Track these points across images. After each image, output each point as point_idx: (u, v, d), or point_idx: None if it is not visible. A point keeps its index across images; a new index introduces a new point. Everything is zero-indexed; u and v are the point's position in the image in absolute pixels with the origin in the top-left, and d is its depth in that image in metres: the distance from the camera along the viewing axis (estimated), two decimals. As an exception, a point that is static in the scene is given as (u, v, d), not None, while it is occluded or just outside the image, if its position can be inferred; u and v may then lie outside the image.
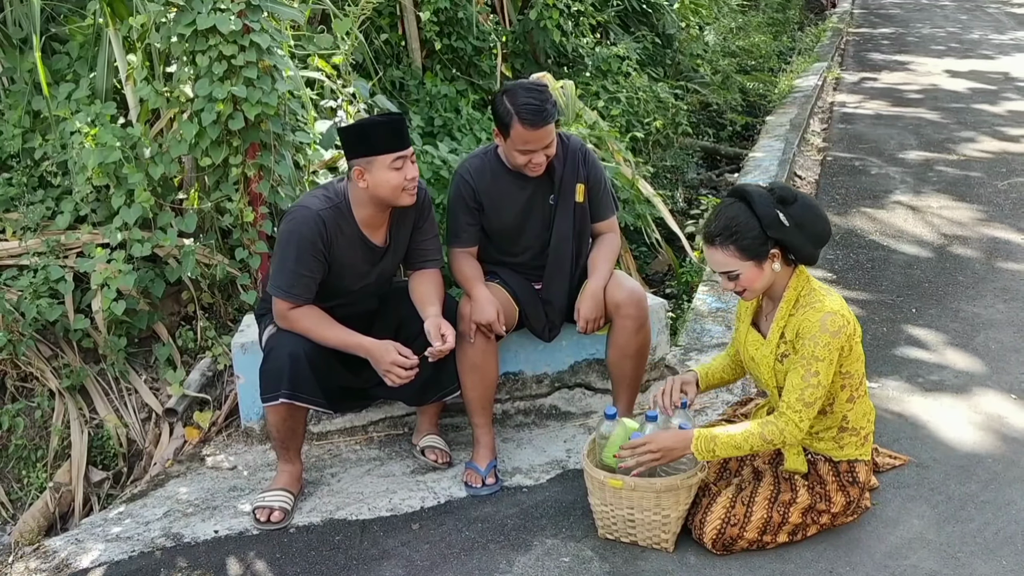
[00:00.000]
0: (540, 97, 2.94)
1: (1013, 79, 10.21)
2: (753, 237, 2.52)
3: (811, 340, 2.52)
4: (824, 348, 2.51)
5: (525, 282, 3.24)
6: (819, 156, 7.29)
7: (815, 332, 2.52)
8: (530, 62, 6.57)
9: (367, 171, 2.83)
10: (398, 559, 2.72)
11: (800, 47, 12.54)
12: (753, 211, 2.53)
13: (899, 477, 3.00)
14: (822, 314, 2.53)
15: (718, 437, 2.56)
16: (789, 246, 2.55)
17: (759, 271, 2.57)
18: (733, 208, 2.57)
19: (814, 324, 2.53)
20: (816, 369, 2.51)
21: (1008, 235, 5.28)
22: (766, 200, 2.54)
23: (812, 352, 2.52)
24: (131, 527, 2.97)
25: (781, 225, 2.52)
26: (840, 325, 2.53)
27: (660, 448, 2.57)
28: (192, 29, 3.37)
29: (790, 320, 2.60)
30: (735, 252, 2.55)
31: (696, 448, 2.56)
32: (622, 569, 2.63)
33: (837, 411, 2.65)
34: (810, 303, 2.58)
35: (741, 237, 2.53)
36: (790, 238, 2.53)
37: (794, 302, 2.61)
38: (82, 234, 3.67)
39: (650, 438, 2.59)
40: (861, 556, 2.63)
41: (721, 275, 2.63)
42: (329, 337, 2.89)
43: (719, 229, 2.56)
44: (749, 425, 2.60)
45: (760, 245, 2.53)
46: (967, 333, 4.05)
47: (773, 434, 2.55)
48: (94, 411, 3.62)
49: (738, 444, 2.56)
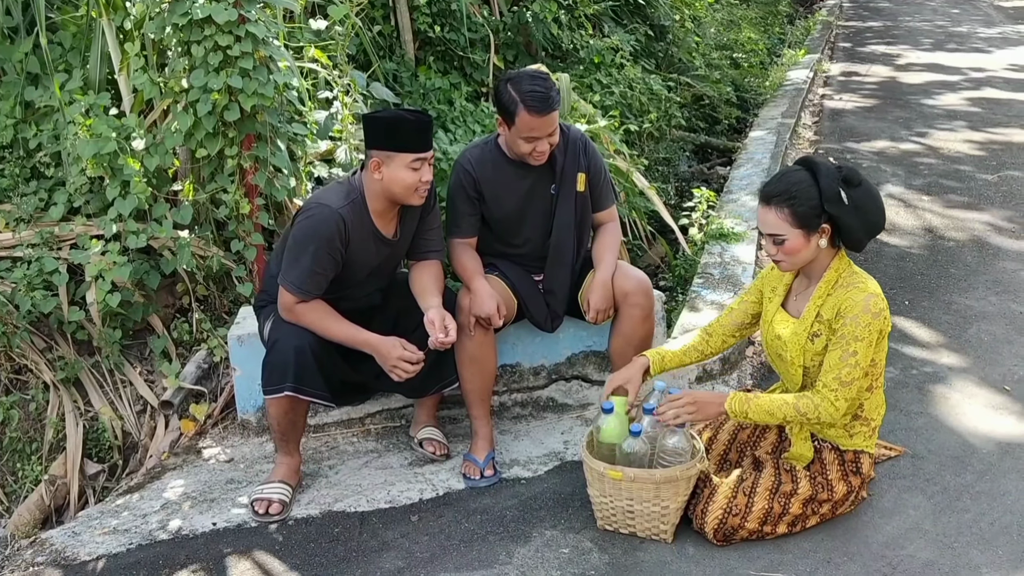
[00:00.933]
0: (544, 85, 2.94)
1: (1002, 73, 10.26)
2: (811, 206, 2.54)
3: (852, 320, 2.53)
4: (865, 328, 2.53)
5: (524, 274, 3.24)
6: (811, 149, 7.31)
7: (857, 312, 2.53)
8: (523, 54, 6.56)
9: (384, 164, 2.82)
10: (398, 551, 2.73)
11: (790, 40, 12.57)
12: (817, 182, 2.54)
13: (895, 468, 3.02)
14: (866, 295, 2.55)
15: (752, 400, 2.61)
16: (842, 225, 2.55)
17: (805, 242, 2.58)
18: (798, 175, 2.59)
19: (857, 303, 2.54)
20: (855, 349, 2.53)
21: (999, 227, 5.31)
22: (832, 175, 2.55)
23: (853, 332, 2.53)
24: (128, 520, 2.96)
25: (840, 202, 2.53)
26: (881, 308, 2.56)
27: (696, 401, 2.64)
28: (187, 19, 3.35)
29: (828, 299, 2.61)
30: (788, 216, 2.56)
31: (730, 405, 2.61)
32: (621, 560, 2.65)
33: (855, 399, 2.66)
34: (852, 283, 2.59)
35: (799, 203, 2.54)
36: (845, 217, 2.54)
37: (834, 283, 2.62)
38: (76, 225, 3.64)
39: (689, 394, 2.66)
40: (858, 546, 2.65)
41: (767, 237, 2.63)
42: (335, 332, 2.89)
43: (779, 190, 2.58)
44: (785, 395, 2.63)
45: (815, 216, 2.55)
46: (960, 325, 4.08)
47: (808, 407, 2.57)
48: (89, 404, 3.60)
49: (771, 410, 2.59)
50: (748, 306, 2.92)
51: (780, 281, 2.79)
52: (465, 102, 5.68)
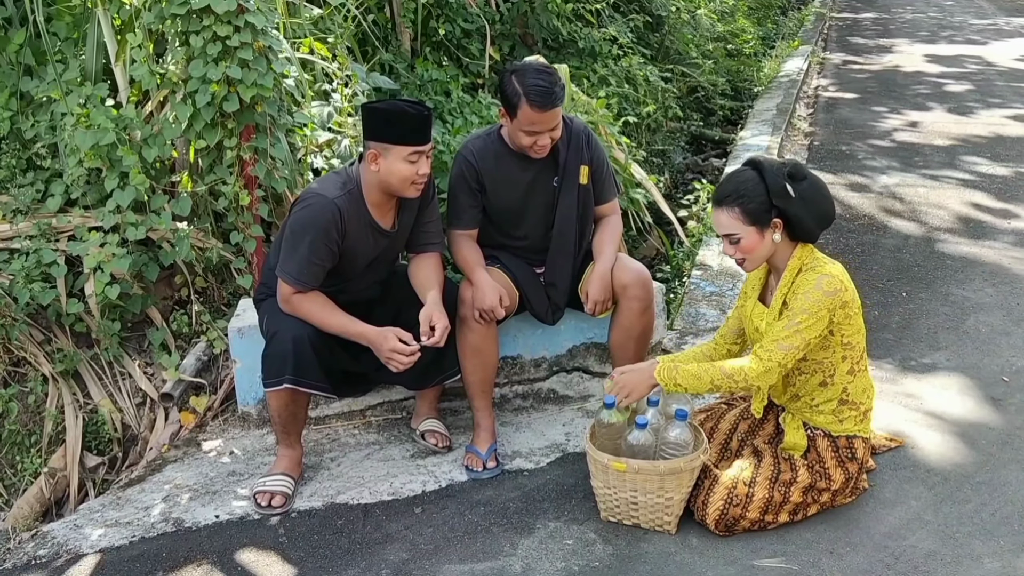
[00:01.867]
0: (549, 79, 2.93)
1: (995, 64, 10.30)
2: (759, 203, 2.60)
3: (803, 295, 2.60)
4: (813, 303, 2.57)
5: (526, 266, 3.23)
6: (806, 141, 7.32)
7: (809, 288, 2.60)
8: (519, 45, 6.54)
9: (382, 156, 2.81)
10: (401, 543, 2.73)
11: (784, 31, 12.57)
12: (763, 179, 2.60)
13: (895, 459, 3.03)
14: (819, 275, 2.61)
15: (680, 365, 2.66)
16: (791, 218, 2.61)
17: (759, 238, 2.63)
18: (744, 174, 2.65)
19: (809, 282, 2.61)
20: (800, 320, 2.57)
21: (994, 219, 5.33)
22: (777, 171, 2.62)
23: (802, 305, 2.59)
24: (130, 512, 2.95)
25: (787, 196, 2.58)
26: (836, 287, 2.59)
27: (624, 381, 2.70)
28: (186, 9, 3.32)
29: (793, 287, 2.65)
30: (739, 215, 2.61)
31: (659, 374, 2.65)
32: (625, 551, 2.65)
33: (838, 383, 2.69)
34: (811, 267, 2.65)
35: (747, 201, 2.60)
36: (794, 210, 2.60)
37: (797, 271, 2.67)
38: (74, 217, 3.62)
39: (616, 371, 2.73)
40: (860, 536, 2.67)
41: (724, 239, 2.69)
42: (331, 324, 2.88)
43: (728, 191, 2.64)
44: (715, 361, 2.68)
45: (764, 212, 2.60)
46: (957, 316, 4.09)
47: (734, 369, 2.61)
48: (88, 396, 3.59)
49: (698, 375, 2.62)
50: (740, 311, 2.93)
51: (756, 277, 2.85)
52: (462, 93, 5.67)
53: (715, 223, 2.69)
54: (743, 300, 2.90)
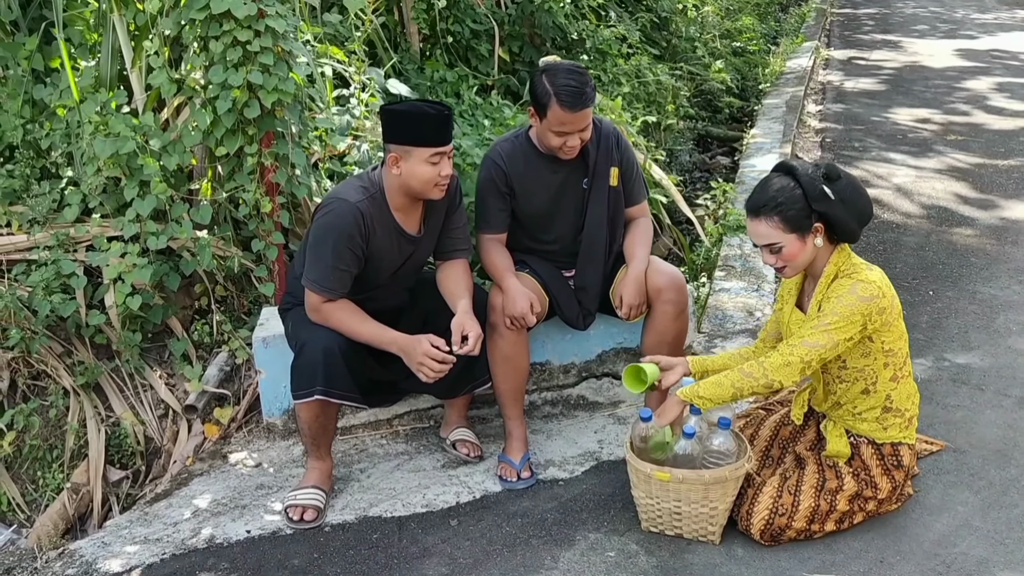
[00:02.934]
0: (580, 80, 2.87)
1: (999, 57, 10.25)
2: (798, 209, 2.53)
3: (838, 299, 2.54)
4: (846, 307, 2.51)
5: (555, 270, 3.18)
6: (817, 138, 7.27)
7: (843, 293, 2.54)
8: (528, 45, 6.49)
9: (403, 159, 2.75)
10: (440, 557, 2.67)
11: (785, 28, 12.51)
12: (799, 184, 2.53)
13: (938, 463, 2.98)
14: (854, 281, 2.55)
15: (702, 384, 2.59)
16: (833, 220, 2.54)
17: (801, 245, 2.56)
18: (779, 180, 2.58)
19: (844, 287, 2.55)
20: (830, 321, 2.52)
21: (1015, 214, 5.28)
22: (812, 175, 2.56)
23: (834, 308, 2.53)
24: (159, 528, 2.89)
25: (826, 198, 2.52)
26: (872, 293, 2.53)
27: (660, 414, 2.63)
28: (206, 14, 3.26)
29: (828, 293, 2.59)
30: (779, 223, 2.54)
31: (682, 394, 2.59)
32: (669, 563, 2.60)
33: (881, 390, 2.63)
34: (847, 272, 2.59)
35: (786, 208, 2.53)
36: (835, 212, 2.53)
37: (833, 276, 2.60)
38: (92, 226, 3.55)
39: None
40: (910, 544, 2.61)
41: (763, 248, 2.61)
42: (362, 332, 2.82)
43: (764, 200, 2.56)
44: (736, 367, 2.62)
45: (804, 218, 2.54)
46: (987, 315, 4.04)
47: (752, 366, 2.55)
48: (109, 409, 3.52)
49: (718, 381, 2.57)
50: (778, 315, 2.87)
51: (794, 283, 2.78)
52: (473, 95, 5.61)
53: (753, 234, 2.61)
54: (780, 304, 2.84)
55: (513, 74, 6.41)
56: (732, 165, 7.10)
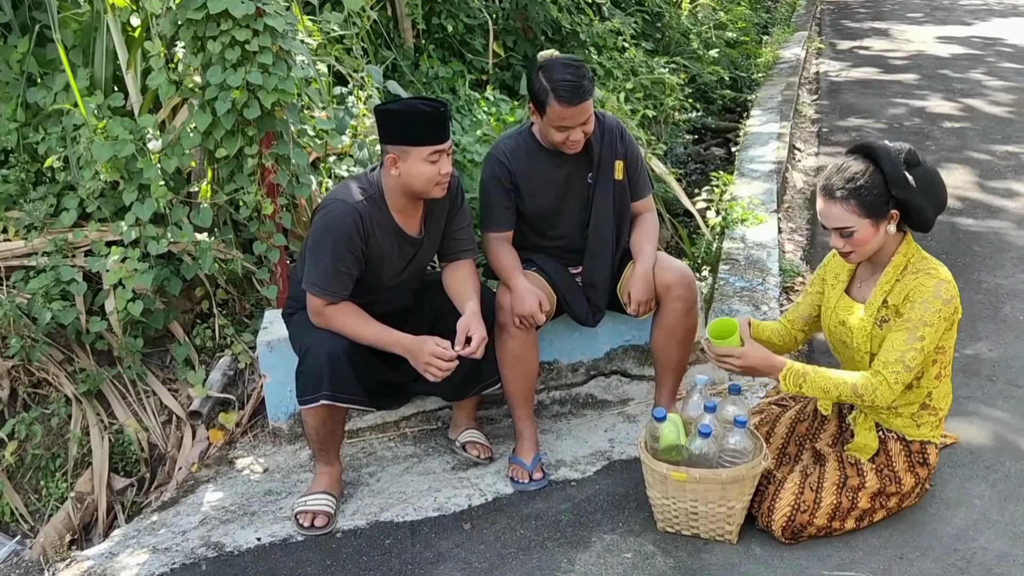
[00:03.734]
0: (577, 73, 2.83)
1: (991, 44, 10.25)
2: (877, 194, 2.45)
3: (923, 304, 2.45)
4: (935, 314, 2.45)
5: (562, 267, 3.14)
6: (814, 128, 7.25)
7: (928, 297, 2.46)
8: (522, 39, 6.44)
9: (401, 159, 2.71)
10: (455, 561, 2.64)
11: (776, 18, 12.48)
12: (881, 168, 2.45)
13: (952, 456, 2.96)
14: (937, 280, 2.48)
15: (808, 374, 2.52)
16: (911, 208, 2.47)
17: (874, 231, 2.49)
18: (859, 163, 2.49)
19: (928, 289, 2.46)
20: (922, 334, 2.45)
21: (1015, 203, 5.27)
22: (894, 158, 2.46)
23: (922, 316, 2.45)
24: (167, 537, 2.85)
25: (907, 185, 2.44)
26: (952, 295, 2.48)
27: (745, 365, 2.57)
28: (203, 13, 3.21)
29: (896, 286, 2.53)
30: (855, 207, 2.47)
31: (784, 378, 2.53)
32: (687, 563, 2.57)
33: (924, 387, 2.59)
34: (923, 269, 2.51)
35: (865, 192, 2.45)
36: (915, 199, 2.45)
37: (903, 268, 2.54)
38: (90, 231, 3.50)
39: (740, 352, 2.56)
40: (928, 540, 2.59)
41: (833, 231, 2.54)
42: (366, 335, 2.78)
43: (843, 182, 2.48)
44: (844, 373, 2.54)
45: (883, 203, 2.46)
46: (993, 305, 4.03)
47: (865, 388, 2.49)
48: (112, 416, 3.48)
49: (827, 388, 2.51)
50: (813, 298, 2.83)
51: (843, 267, 2.71)
52: (469, 90, 5.57)
53: (824, 215, 2.53)
54: (820, 287, 2.79)
55: (508, 69, 6.37)
56: (727, 156, 7.08)
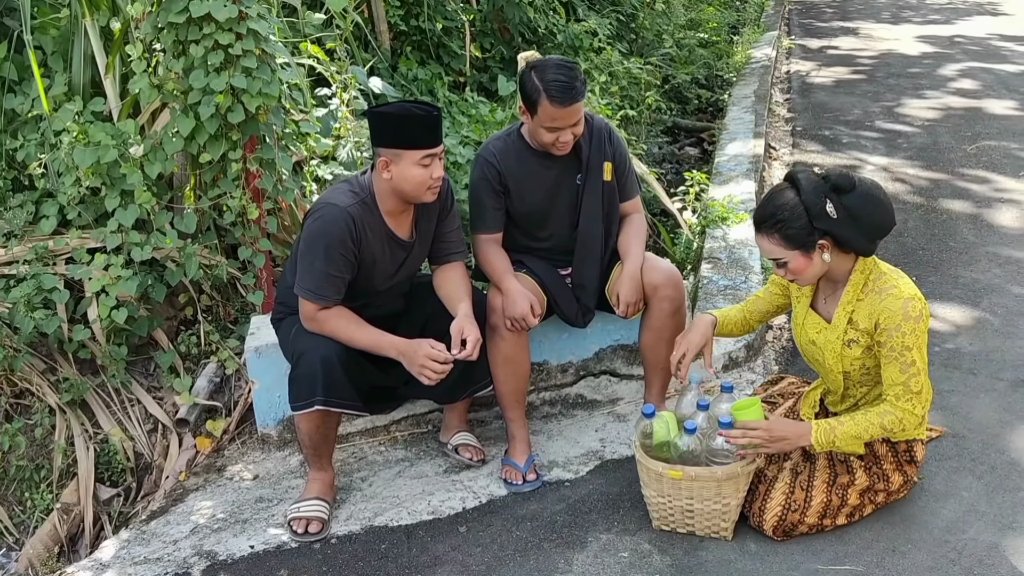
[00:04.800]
0: (569, 74, 2.84)
1: (958, 43, 10.41)
2: (799, 227, 2.43)
3: (897, 331, 2.45)
4: (912, 336, 2.45)
5: (552, 269, 3.15)
6: (788, 127, 7.32)
7: (899, 321, 2.45)
8: (499, 41, 6.45)
9: (393, 163, 2.70)
10: (452, 565, 2.63)
11: (746, 18, 12.59)
12: (801, 199, 2.44)
13: (938, 449, 3.01)
14: (903, 301, 2.46)
15: (836, 428, 2.50)
16: (838, 237, 2.45)
17: (807, 260, 2.48)
18: (782, 195, 2.48)
19: (896, 312, 2.45)
20: (912, 359, 2.46)
21: (988, 198, 5.36)
22: (816, 188, 2.44)
23: (902, 342, 2.45)
24: (159, 547, 2.82)
25: (827, 217, 2.42)
26: (920, 309, 2.47)
27: (775, 436, 2.51)
28: (185, 17, 3.18)
29: (859, 305, 2.53)
30: (780, 241, 2.46)
31: (816, 440, 2.50)
32: (683, 561, 2.59)
33: None
34: (882, 288, 2.50)
35: (786, 226, 2.44)
36: (837, 230, 2.43)
37: (862, 286, 2.54)
38: (71, 239, 3.45)
39: (767, 425, 2.52)
40: (919, 532, 2.63)
41: (771, 261, 2.56)
42: (360, 339, 2.77)
43: (765, 216, 2.48)
44: (866, 415, 2.52)
45: (806, 235, 2.44)
46: (971, 299, 4.09)
47: (893, 423, 2.49)
48: (96, 425, 3.43)
49: (858, 434, 2.51)
50: (773, 297, 2.87)
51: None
52: (448, 92, 5.56)
53: (759, 246, 2.54)
54: (778, 289, 2.82)
55: (485, 70, 6.37)
56: (701, 155, 7.13)
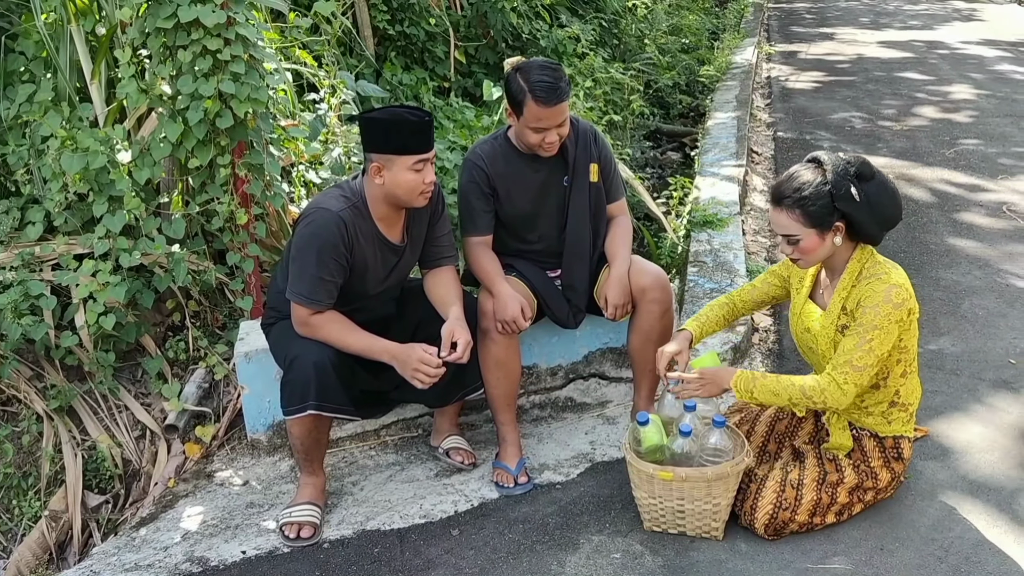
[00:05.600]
0: (554, 75, 2.87)
1: (934, 47, 10.55)
2: (822, 206, 2.50)
3: (872, 309, 2.51)
4: (884, 318, 2.51)
5: (541, 271, 3.17)
6: (769, 132, 7.39)
7: (878, 301, 2.51)
8: (483, 46, 6.47)
9: (385, 168, 2.71)
10: (445, 568, 2.64)
11: (725, 24, 12.69)
12: (827, 179, 2.51)
13: (924, 449, 3.05)
14: (887, 285, 2.53)
15: (758, 380, 2.60)
16: (854, 221, 2.52)
17: (819, 241, 2.55)
18: (808, 173, 2.54)
19: (878, 293, 2.52)
20: (871, 337, 2.51)
21: (967, 202, 5.44)
22: (843, 171, 2.51)
23: (872, 320, 2.51)
24: (149, 554, 2.81)
25: (851, 199, 2.49)
26: (904, 298, 2.53)
27: (704, 381, 2.66)
28: (173, 22, 3.18)
29: (852, 292, 2.59)
30: (800, 217, 2.53)
31: (735, 384, 2.61)
32: (675, 561, 2.61)
33: (891, 385, 2.65)
34: (875, 274, 2.57)
35: (809, 203, 2.51)
36: (858, 214, 2.51)
37: (857, 274, 2.59)
38: (58, 245, 3.43)
39: (701, 371, 2.68)
40: (907, 531, 2.67)
41: (781, 238, 2.60)
42: (353, 343, 2.77)
43: (789, 191, 2.54)
44: (790, 377, 2.61)
45: (827, 215, 2.51)
46: (952, 301, 4.15)
47: (813, 390, 2.55)
48: (84, 432, 3.41)
49: (776, 391, 2.58)
50: (770, 288, 2.92)
51: (807, 272, 2.77)
52: (433, 97, 5.58)
53: (773, 222, 2.60)
54: (777, 281, 2.87)
55: (470, 76, 6.40)
56: (683, 160, 7.19)
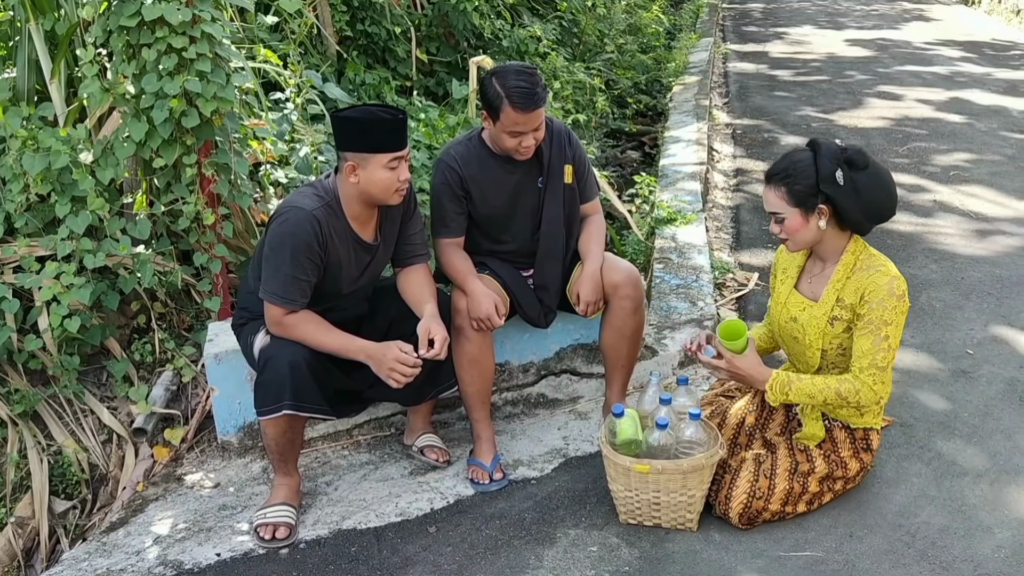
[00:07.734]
0: (531, 80, 2.88)
1: (885, 46, 10.77)
2: (806, 186, 2.56)
3: (879, 305, 2.57)
4: (892, 311, 2.57)
5: (514, 271, 3.18)
6: (728, 131, 7.48)
7: (883, 296, 2.57)
8: (445, 46, 6.47)
9: (360, 167, 2.71)
10: (423, 565, 2.64)
11: (681, 23, 12.83)
12: (815, 161, 2.56)
13: (888, 437, 3.12)
14: (889, 278, 2.59)
15: (794, 382, 2.63)
16: (838, 206, 2.57)
17: (803, 222, 2.60)
18: (800, 154, 2.62)
19: (882, 287, 2.57)
20: (886, 333, 2.57)
21: (921, 198, 5.56)
22: (832, 156, 2.57)
23: (882, 317, 2.57)
24: (121, 558, 2.77)
25: (834, 183, 2.54)
26: (904, 290, 2.60)
27: (736, 370, 2.67)
28: (137, 20, 3.13)
29: (847, 283, 2.64)
30: (785, 195, 2.59)
31: (771, 387, 2.64)
32: (651, 553, 2.64)
33: None
34: (871, 266, 2.62)
35: (794, 182, 2.57)
36: (840, 198, 2.55)
37: (852, 266, 2.65)
38: (19, 247, 3.37)
39: (733, 359, 2.67)
40: (874, 518, 2.73)
41: (770, 216, 2.66)
42: (328, 343, 2.76)
43: (779, 169, 2.61)
44: (825, 378, 2.64)
45: (810, 196, 2.57)
46: (912, 295, 4.18)
47: (849, 392, 2.60)
48: (49, 437, 3.35)
49: (812, 393, 2.62)
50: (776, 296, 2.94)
51: (792, 262, 2.82)
52: (396, 96, 5.57)
53: (764, 199, 2.66)
54: (774, 283, 2.91)
55: (432, 75, 6.39)
56: (643, 158, 7.26)
